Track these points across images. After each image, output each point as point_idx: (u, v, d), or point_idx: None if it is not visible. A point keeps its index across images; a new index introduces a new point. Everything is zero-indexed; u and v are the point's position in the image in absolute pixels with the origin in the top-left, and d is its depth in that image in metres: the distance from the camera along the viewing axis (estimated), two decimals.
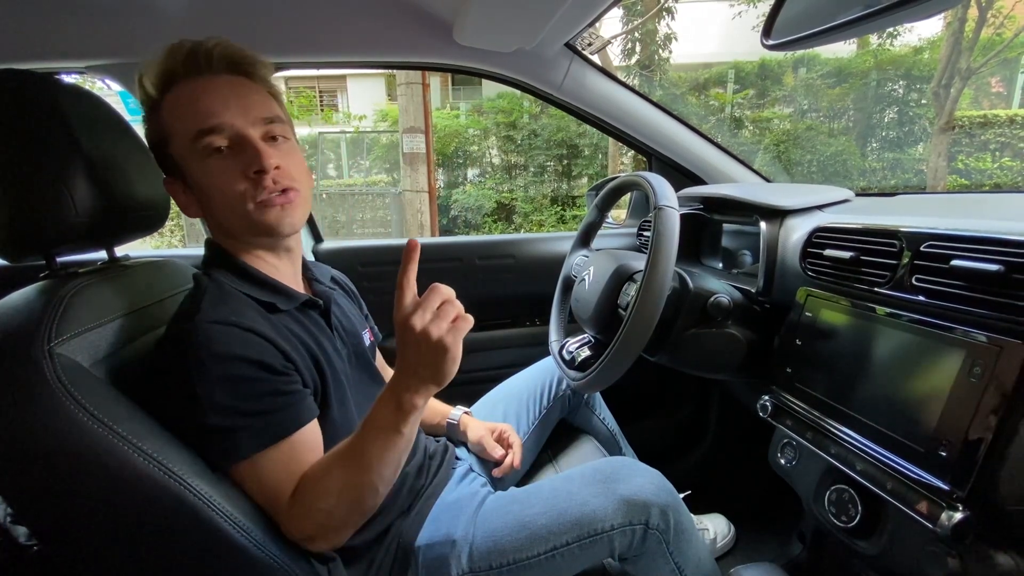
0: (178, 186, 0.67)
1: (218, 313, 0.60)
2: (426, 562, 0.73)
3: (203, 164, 0.63)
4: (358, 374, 0.80)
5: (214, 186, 0.63)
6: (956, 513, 0.52)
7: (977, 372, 0.54)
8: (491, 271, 1.40)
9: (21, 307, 0.56)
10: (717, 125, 7.76)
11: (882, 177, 7.18)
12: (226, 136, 0.63)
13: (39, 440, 0.51)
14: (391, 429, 0.59)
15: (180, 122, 0.63)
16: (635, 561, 0.75)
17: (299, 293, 0.72)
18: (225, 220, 0.67)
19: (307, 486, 0.61)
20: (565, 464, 1.02)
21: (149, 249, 2.03)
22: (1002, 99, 8.03)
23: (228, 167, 0.63)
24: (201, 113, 0.62)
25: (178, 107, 0.63)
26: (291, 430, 0.61)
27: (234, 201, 0.63)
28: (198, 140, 0.62)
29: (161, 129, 0.65)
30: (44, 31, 1.00)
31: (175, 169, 0.66)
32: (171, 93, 0.64)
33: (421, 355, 0.57)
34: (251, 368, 0.59)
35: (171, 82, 0.64)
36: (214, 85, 0.64)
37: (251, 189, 0.63)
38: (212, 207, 0.66)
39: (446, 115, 8.23)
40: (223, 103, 0.63)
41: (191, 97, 0.63)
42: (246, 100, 0.65)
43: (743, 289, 0.90)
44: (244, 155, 0.63)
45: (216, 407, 0.57)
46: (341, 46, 1.15)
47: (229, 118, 0.62)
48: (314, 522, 0.60)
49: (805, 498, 0.79)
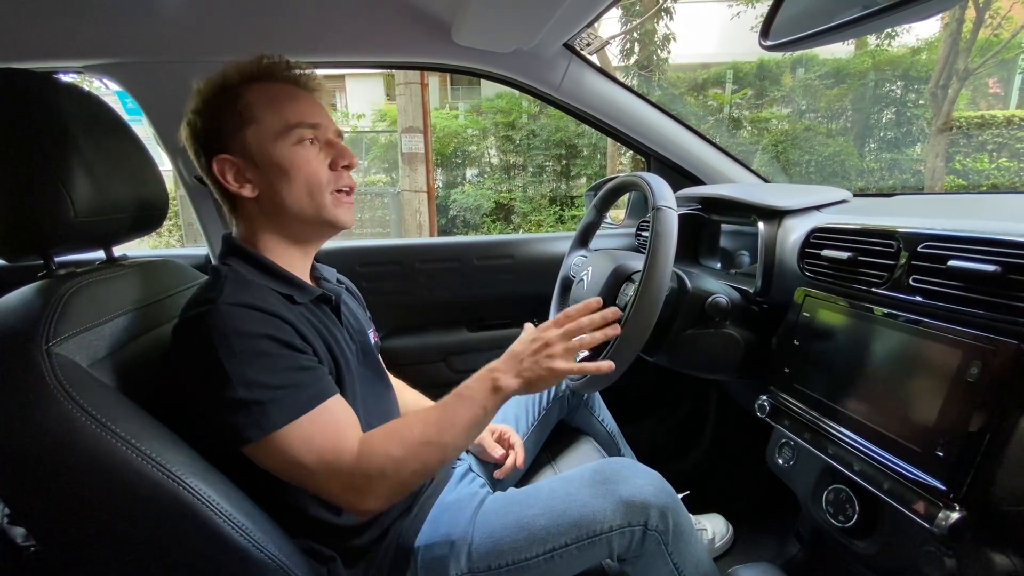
0: (234, 164, 0.70)
1: (239, 297, 0.62)
2: (425, 562, 0.73)
3: (293, 150, 0.69)
4: (365, 371, 0.81)
5: (302, 167, 0.70)
6: (953, 513, 0.52)
7: (974, 372, 0.54)
8: (489, 271, 1.40)
9: (19, 307, 0.56)
10: (715, 125, 7.76)
11: (880, 178, 7.19)
12: (319, 134, 0.72)
13: (37, 440, 0.51)
14: (479, 403, 0.66)
15: (274, 111, 0.69)
16: (634, 562, 0.75)
17: (313, 288, 0.74)
18: (296, 202, 0.71)
19: (379, 438, 0.64)
20: (564, 465, 1.02)
21: (147, 249, 2.03)
22: (999, 100, 8.05)
23: (316, 157, 0.71)
24: (301, 110, 0.70)
25: (273, 100, 0.70)
26: (318, 400, 0.63)
27: (316, 186, 0.71)
28: (295, 128, 0.69)
29: (239, 114, 0.69)
30: (42, 31, 0.99)
31: (242, 149, 0.69)
32: (258, 85, 0.70)
33: (536, 363, 0.67)
34: (275, 345, 0.61)
35: (258, 77, 0.71)
36: (309, 97, 0.74)
37: (334, 179, 0.72)
38: (287, 187, 0.70)
39: (445, 115, 8.22)
40: (320, 111, 0.73)
41: (292, 97, 0.71)
42: (328, 115, 0.75)
43: (741, 289, 0.90)
44: (334, 150, 0.73)
45: (245, 381, 0.58)
46: (339, 46, 1.15)
47: (325, 121, 0.73)
48: (378, 471, 0.62)
49: (803, 498, 0.79)
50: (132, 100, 1.08)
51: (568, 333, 0.68)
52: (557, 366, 0.66)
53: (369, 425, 0.75)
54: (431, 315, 1.40)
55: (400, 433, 0.64)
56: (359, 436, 0.64)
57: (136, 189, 0.70)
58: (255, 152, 0.69)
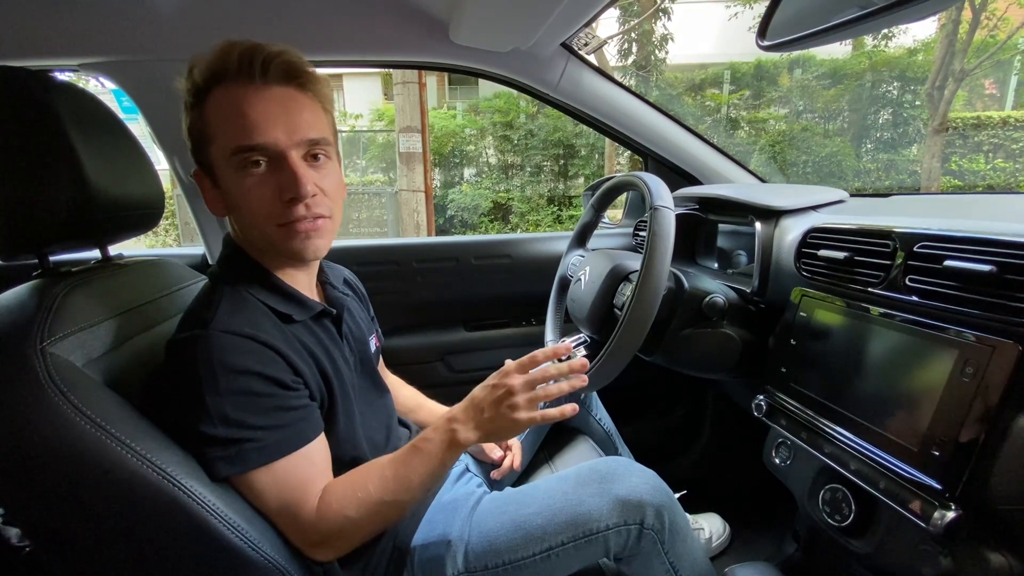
0: (208, 182, 0.66)
1: (234, 322, 0.60)
2: (421, 562, 0.73)
3: (237, 176, 0.61)
4: (362, 381, 0.80)
5: (244, 201, 0.62)
6: (949, 512, 0.53)
7: (969, 372, 0.54)
8: (487, 271, 1.40)
9: (13, 306, 0.56)
10: (713, 126, 7.77)
11: (876, 178, 7.22)
12: (265, 154, 0.61)
13: (31, 440, 0.51)
14: (437, 458, 0.64)
15: (222, 129, 0.61)
16: (630, 561, 0.76)
17: (315, 303, 0.72)
18: (249, 234, 0.67)
19: (337, 496, 0.63)
20: (561, 464, 1.02)
21: (143, 248, 2.02)
22: (995, 101, 8.08)
23: (262, 185, 0.61)
24: (246, 127, 0.59)
25: (222, 111, 0.60)
26: (298, 445, 0.62)
27: (261, 220, 0.63)
28: (237, 154, 0.60)
29: (203, 127, 0.62)
30: (37, 28, 0.99)
31: (209, 168, 0.65)
32: (217, 92, 0.61)
33: (498, 414, 0.63)
34: (262, 383, 0.59)
35: (219, 79, 0.61)
36: (264, 96, 0.60)
37: (279, 212, 0.62)
38: (239, 216, 0.66)
39: (443, 115, 8.20)
40: (271, 119, 0.60)
41: (237, 106, 0.60)
42: (295, 118, 0.62)
43: (738, 289, 0.90)
44: (281, 176, 0.61)
45: (224, 419, 0.57)
46: (337, 45, 1.14)
47: (272, 137, 0.60)
48: (335, 530, 0.62)
49: (799, 497, 0.79)
50: (128, 98, 1.07)
51: (532, 382, 0.64)
52: (519, 417, 0.63)
53: (366, 436, 0.75)
54: (429, 315, 1.40)
55: (357, 494, 0.62)
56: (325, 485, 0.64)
57: (132, 188, 0.70)
58: (215, 173, 0.64)
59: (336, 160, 0.70)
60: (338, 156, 0.72)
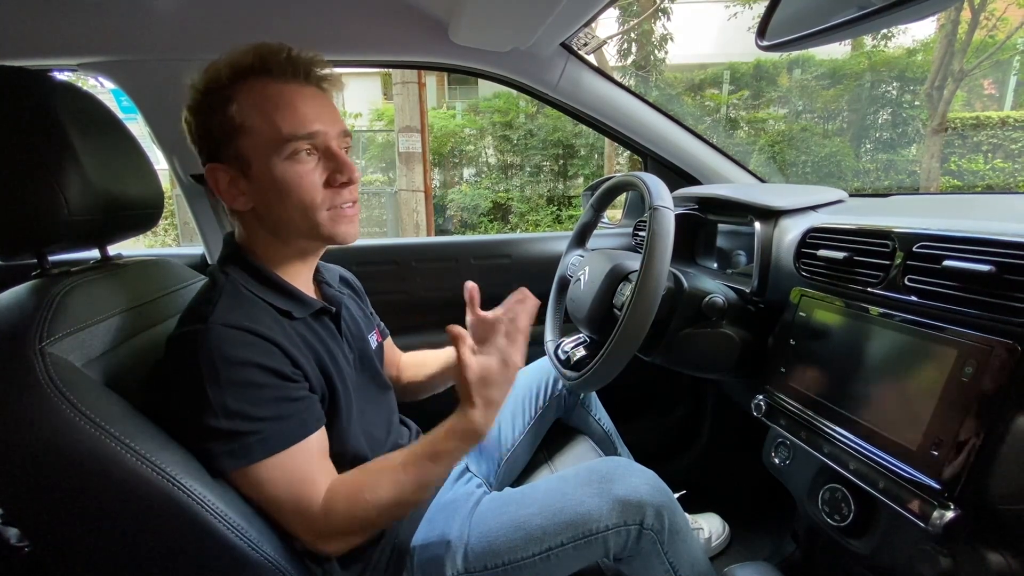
0: (227, 175, 0.66)
1: (233, 316, 0.61)
2: (421, 562, 0.73)
3: (286, 164, 0.64)
4: (362, 378, 0.80)
5: (294, 187, 0.64)
6: (948, 512, 0.53)
7: (968, 372, 0.54)
8: (487, 271, 1.40)
9: (12, 306, 0.56)
10: (712, 126, 7.77)
11: (876, 178, 7.22)
12: (316, 144, 0.65)
13: (30, 440, 0.51)
14: (455, 457, 0.65)
15: (265, 120, 0.63)
16: (630, 561, 0.76)
17: (313, 300, 0.72)
18: (291, 220, 0.66)
19: (345, 493, 0.63)
20: (561, 464, 1.02)
21: (142, 248, 2.01)
22: (994, 101, 8.09)
23: (312, 172, 0.65)
24: (298, 118, 0.63)
25: (265, 104, 0.63)
26: (300, 437, 0.62)
27: (311, 205, 0.65)
28: (289, 142, 0.63)
29: (230, 120, 0.63)
30: (36, 28, 0.99)
31: (235, 159, 0.65)
32: (254, 85, 0.63)
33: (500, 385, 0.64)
34: (263, 374, 0.60)
35: (255, 74, 0.63)
36: (308, 94, 0.65)
37: (329, 197, 0.66)
38: (280, 205, 0.65)
39: (442, 115, 8.20)
40: (318, 113, 0.65)
41: (285, 100, 0.63)
42: (332, 112, 0.67)
43: (738, 289, 0.90)
44: (332, 163, 0.66)
45: (226, 411, 0.57)
46: (336, 45, 1.14)
47: (323, 127, 0.65)
48: (343, 527, 0.63)
49: (798, 497, 0.79)
50: (127, 98, 1.07)
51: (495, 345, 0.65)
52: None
53: (366, 432, 0.75)
54: (428, 315, 1.40)
55: (365, 496, 0.63)
56: (332, 478, 0.65)
57: (131, 188, 0.70)
58: (247, 164, 0.64)
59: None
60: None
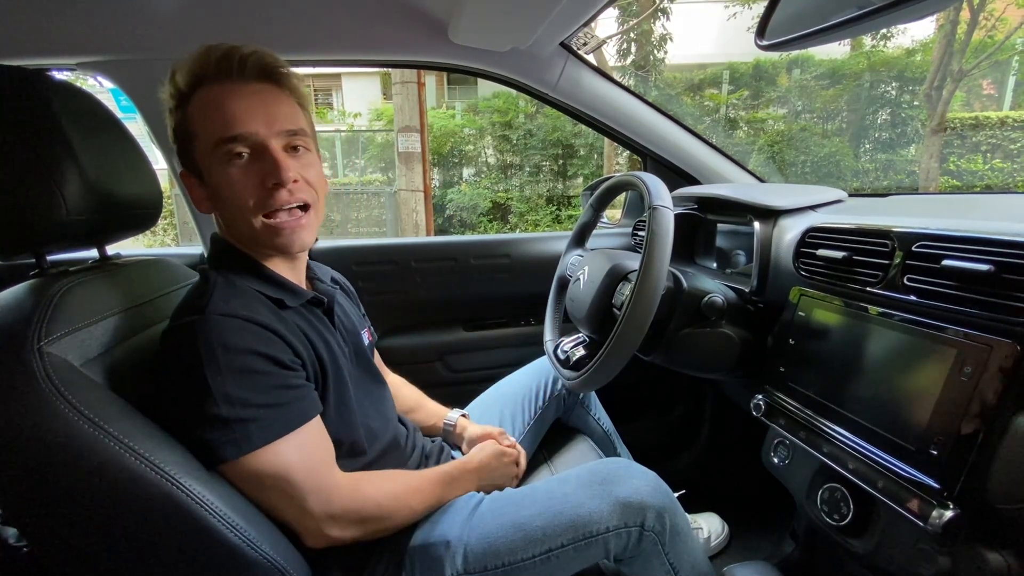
0: (194, 180, 0.68)
1: (229, 306, 0.61)
2: (421, 563, 0.73)
3: (221, 169, 0.64)
4: (357, 370, 0.81)
5: (228, 193, 0.65)
6: (947, 511, 0.53)
7: (968, 371, 0.54)
8: (486, 271, 1.40)
9: (11, 306, 0.56)
10: (712, 126, 7.78)
11: (875, 178, 7.23)
12: (247, 145, 0.64)
13: (29, 440, 0.50)
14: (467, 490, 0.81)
15: (205, 125, 0.64)
16: (630, 562, 0.75)
17: (304, 291, 0.74)
18: (235, 225, 0.68)
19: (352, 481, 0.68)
20: (560, 465, 1.02)
21: (141, 248, 2.01)
22: (993, 101, 8.09)
23: (245, 175, 0.64)
24: (226, 120, 0.63)
25: (205, 109, 0.64)
26: (299, 423, 0.63)
27: (245, 212, 0.65)
28: (220, 146, 0.63)
29: (187, 127, 0.65)
30: (35, 27, 0.99)
31: (194, 166, 0.67)
32: (200, 93, 0.64)
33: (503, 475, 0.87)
34: (262, 361, 0.60)
35: (200, 82, 0.64)
36: (243, 92, 0.64)
37: (264, 200, 0.65)
38: (224, 209, 0.67)
39: (442, 114, 8.19)
40: (249, 111, 0.64)
41: (218, 102, 0.63)
42: (273, 109, 0.65)
43: (737, 289, 0.90)
44: (263, 164, 0.64)
45: (227, 398, 0.58)
46: (336, 45, 1.14)
47: (253, 127, 0.63)
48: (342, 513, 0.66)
49: (798, 497, 0.79)
50: (126, 98, 1.07)
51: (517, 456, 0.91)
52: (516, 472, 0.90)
53: (363, 424, 0.76)
54: (427, 314, 1.40)
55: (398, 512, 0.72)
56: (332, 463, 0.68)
57: (130, 187, 0.70)
58: (201, 170, 0.66)
59: (316, 155, 0.73)
60: (318, 153, 0.74)
